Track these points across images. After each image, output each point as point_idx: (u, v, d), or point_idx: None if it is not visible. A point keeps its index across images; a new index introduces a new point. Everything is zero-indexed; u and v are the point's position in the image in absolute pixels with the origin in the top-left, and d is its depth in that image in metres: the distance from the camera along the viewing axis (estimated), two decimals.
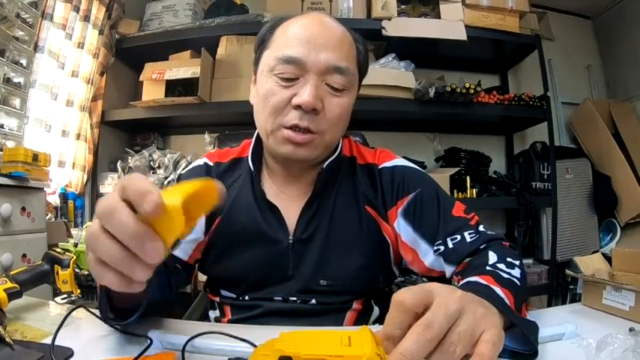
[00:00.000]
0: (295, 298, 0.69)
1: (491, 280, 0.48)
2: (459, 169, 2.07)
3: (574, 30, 2.71)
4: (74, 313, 0.59)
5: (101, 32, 1.95)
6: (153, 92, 1.97)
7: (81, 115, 1.90)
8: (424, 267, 0.68)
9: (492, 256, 0.56)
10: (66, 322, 0.54)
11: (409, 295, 0.33)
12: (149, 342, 0.48)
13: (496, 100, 2.02)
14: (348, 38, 0.68)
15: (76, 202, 1.89)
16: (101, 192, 2.03)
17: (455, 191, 2.00)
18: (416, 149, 2.32)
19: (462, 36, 1.92)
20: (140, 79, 2.02)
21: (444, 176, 1.98)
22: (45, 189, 1.47)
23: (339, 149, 0.74)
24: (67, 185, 1.86)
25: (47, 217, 1.57)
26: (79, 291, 0.77)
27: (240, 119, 1.77)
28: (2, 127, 1.44)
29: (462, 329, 0.32)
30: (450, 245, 0.64)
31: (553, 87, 2.52)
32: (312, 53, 0.63)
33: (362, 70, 0.72)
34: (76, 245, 1.45)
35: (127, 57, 2.19)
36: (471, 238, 0.63)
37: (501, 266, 0.53)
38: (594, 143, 2.41)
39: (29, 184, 1.32)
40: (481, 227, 0.66)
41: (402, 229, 0.69)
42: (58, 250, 0.79)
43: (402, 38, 1.90)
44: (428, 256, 0.67)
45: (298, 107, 0.62)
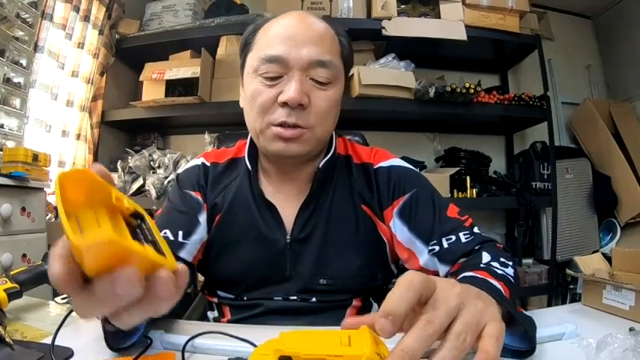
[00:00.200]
0: (295, 297, 0.69)
1: (487, 274, 0.48)
2: (459, 169, 2.07)
3: (574, 30, 2.71)
4: (74, 313, 0.59)
5: (101, 32, 1.95)
6: (153, 92, 1.97)
7: (81, 115, 1.90)
8: (418, 266, 0.68)
9: (486, 256, 0.56)
10: (66, 322, 0.54)
11: (418, 275, 0.33)
12: (149, 342, 0.49)
13: (496, 100, 2.01)
14: (330, 32, 0.68)
15: None
16: None
17: (455, 191, 2.00)
18: (416, 149, 2.32)
19: (462, 36, 1.92)
20: (140, 79, 2.02)
21: (444, 176, 1.98)
22: (45, 189, 1.46)
23: (334, 148, 0.74)
24: None
25: (47, 217, 1.56)
26: None
27: (240, 119, 1.74)
28: (2, 127, 1.44)
29: (467, 321, 0.32)
30: (445, 245, 0.64)
31: (553, 87, 2.52)
32: (294, 50, 0.63)
33: (347, 62, 0.72)
34: None
35: (127, 57, 2.19)
36: (466, 238, 0.63)
37: (495, 264, 0.53)
38: (594, 143, 2.41)
39: (29, 184, 1.32)
40: (475, 229, 0.66)
41: (398, 229, 0.69)
42: None
43: (402, 38, 1.90)
44: (422, 255, 0.67)
45: (285, 104, 0.63)
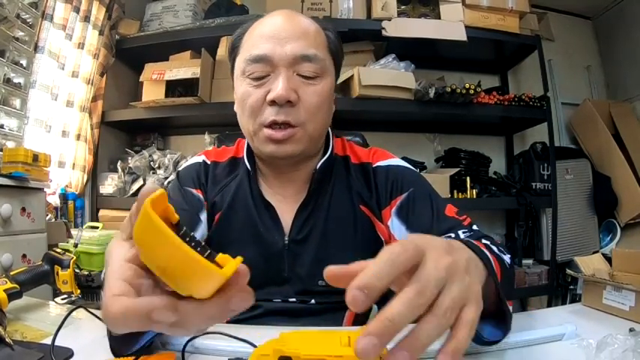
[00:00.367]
0: (295, 299, 0.69)
1: (482, 245, 0.47)
2: (459, 169, 2.07)
3: (574, 30, 2.71)
4: (74, 314, 0.59)
5: (101, 33, 1.95)
6: (153, 93, 1.97)
7: (81, 115, 1.90)
8: None
9: (485, 241, 0.55)
10: (66, 323, 0.54)
11: (403, 250, 0.30)
12: (149, 342, 0.48)
13: (496, 100, 2.01)
14: (314, 27, 0.68)
15: (76, 202, 1.89)
16: (101, 192, 2.03)
17: (455, 192, 2.00)
18: (416, 150, 2.32)
19: (462, 36, 1.92)
20: (140, 80, 2.02)
21: (444, 177, 1.98)
22: (45, 189, 1.47)
23: (331, 148, 0.73)
24: (67, 186, 1.86)
25: (47, 218, 1.57)
26: (79, 291, 0.77)
27: None
28: (2, 128, 1.44)
29: (455, 296, 0.30)
30: None
31: (553, 87, 2.52)
32: (277, 47, 0.63)
33: (336, 56, 0.71)
34: (76, 245, 1.45)
35: (127, 57, 2.19)
36: (464, 235, 0.62)
37: (494, 247, 0.53)
38: (594, 143, 2.41)
39: (29, 184, 1.32)
40: (474, 227, 0.65)
41: (396, 229, 0.69)
42: (58, 250, 0.79)
43: (402, 39, 1.90)
44: None
45: (273, 103, 0.62)
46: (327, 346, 0.32)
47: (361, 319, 0.70)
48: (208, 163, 0.77)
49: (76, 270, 0.78)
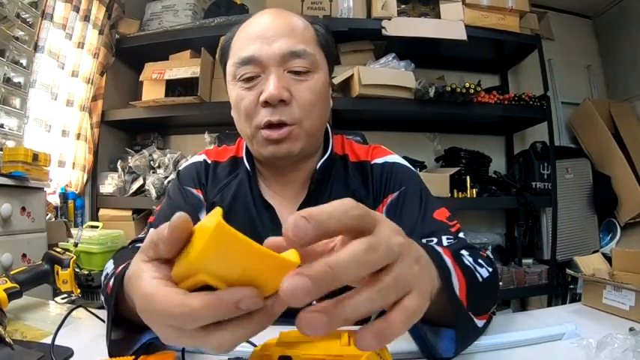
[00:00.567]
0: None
1: (449, 254, 0.42)
2: (459, 169, 2.07)
3: (574, 30, 2.71)
4: (74, 313, 0.60)
5: (101, 32, 1.95)
6: (153, 92, 1.97)
7: (81, 115, 1.90)
8: None
9: (463, 251, 0.52)
10: (66, 322, 0.54)
11: (361, 206, 0.27)
12: (149, 342, 0.48)
13: (496, 100, 2.01)
14: (301, 22, 0.67)
15: (76, 202, 1.89)
16: (101, 192, 2.03)
17: (455, 191, 2.00)
18: (416, 149, 2.32)
19: (462, 36, 1.92)
20: (140, 79, 2.02)
21: (444, 176, 1.98)
22: (45, 189, 1.47)
23: (331, 148, 0.73)
24: (67, 185, 1.86)
25: (47, 217, 1.57)
26: (79, 291, 0.77)
27: None
28: (2, 127, 1.45)
29: (399, 277, 0.27)
30: None
31: (553, 87, 2.52)
32: (265, 47, 0.62)
33: (327, 49, 0.69)
34: (76, 245, 1.45)
35: (127, 57, 2.19)
36: (448, 242, 0.61)
37: (469, 258, 0.49)
38: (594, 143, 2.41)
39: (29, 184, 1.32)
40: (461, 234, 0.64)
41: None
42: (58, 250, 0.79)
43: (402, 38, 1.90)
44: None
45: (266, 103, 0.62)
46: (327, 345, 0.32)
47: (362, 320, 0.70)
48: (209, 162, 0.77)
49: (76, 269, 0.78)
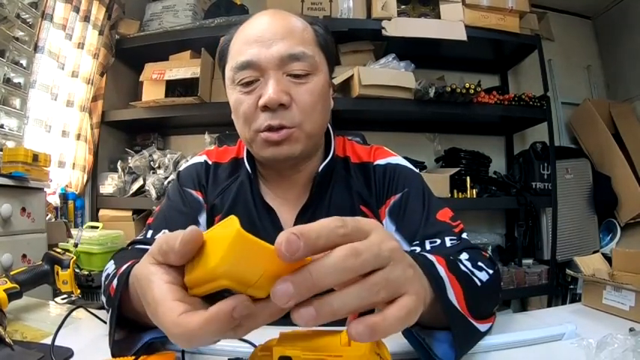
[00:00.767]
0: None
1: (443, 262, 0.42)
2: (459, 169, 2.07)
3: (574, 30, 2.71)
4: (74, 314, 0.60)
5: (101, 32, 1.95)
6: (153, 92, 1.97)
7: (81, 115, 1.90)
8: None
9: (463, 255, 0.52)
10: (66, 323, 0.54)
11: (345, 227, 0.27)
12: (149, 342, 0.48)
13: (496, 100, 2.02)
14: (299, 23, 0.66)
15: (76, 202, 1.89)
16: (101, 192, 2.03)
17: (455, 191, 2.00)
18: (416, 149, 2.32)
19: (462, 36, 1.92)
20: (140, 80, 2.02)
21: (444, 176, 1.98)
22: (45, 189, 1.47)
23: (333, 150, 0.72)
24: (67, 185, 1.86)
25: (47, 218, 1.57)
26: (79, 291, 0.77)
27: None
28: (2, 127, 1.45)
29: (389, 277, 0.28)
30: (428, 248, 0.62)
31: (553, 87, 2.52)
32: (263, 50, 0.61)
33: (327, 50, 0.68)
34: (76, 245, 1.45)
35: (127, 57, 2.19)
36: (451, 243, 0.61)
37: (466, 263, 0.49)
38: (594, 143, 2.41)
39: (29, 184, 1.32)
40: (464, 235, 0.64)
41: (388, 230, 0.68)
42: (58, 250, 0.79)
43: (402, 38, 1.90)
44: None
45: (266, 108, 0.61)
46: (327, 345, 0.32)
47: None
48: (210, 163, 0.76)
49: (76, 270, 0.78)
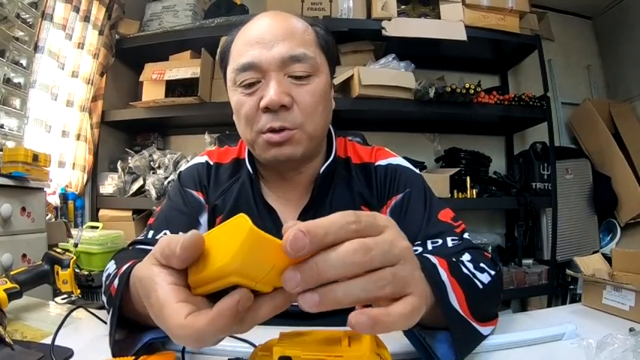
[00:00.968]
0: (297, 303, 0.68)
1: (445, 265, 0.42)
2: (459, 169, 2.07)
3: (574, 30, 2.71)
4: (74, 313, 0.60)
5: (101, 32, 1.95)
6: (153, 92, 1.97)
7: (81, 115, 1.90)
8: None
9: (465, 256, 0.52)
10: (66, 322, 0.54)
11: (358, 223, 0.28)
12: (149, 342, 0.48)
13: (496, 100, 2.02)
14: (300, 24, 0.66)
15: (76, 202, 1.89)
16: (101, 192, 2.03)
17: (455, 191, 2.00)
18: (416, 149, 2.32)
19: (462, 36, 1.92)
20: (140, 80, 2.02)
21: (444, 176, 1.98)
22: (45, 189, 1.47)
23: (334, 151, 0.72)
24: (67, 185, 1.86)
25: (47, 218, 1.57)
26: (79, 291, 0.77)
27: None
28: (2, 127, 1.44)
29: (398, 274, 0.28)
30: (430, 248, 0.62)
31: (553, 87, 2.52)
32: (264, 52, 0.61)
33: (327, 51, 0.68)
34: (76, 245, 1.45)
35: (127, 57, 2.19)
36: (452, 243, 0.61)
37: (468, 265, 0.49)
38: (594, 143, 2.41)
39: (29, 184, 1.32)
40: (466, 235, 0.64)
41: None
42: (58, 250, 0.79)
43: (402, 38, 1.90)
44: None
45: (267, 109, 0.61)
46: (327, 346, 0.32)
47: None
48: (211, 164, 0.76)
49: (76, 270, 0.78)
